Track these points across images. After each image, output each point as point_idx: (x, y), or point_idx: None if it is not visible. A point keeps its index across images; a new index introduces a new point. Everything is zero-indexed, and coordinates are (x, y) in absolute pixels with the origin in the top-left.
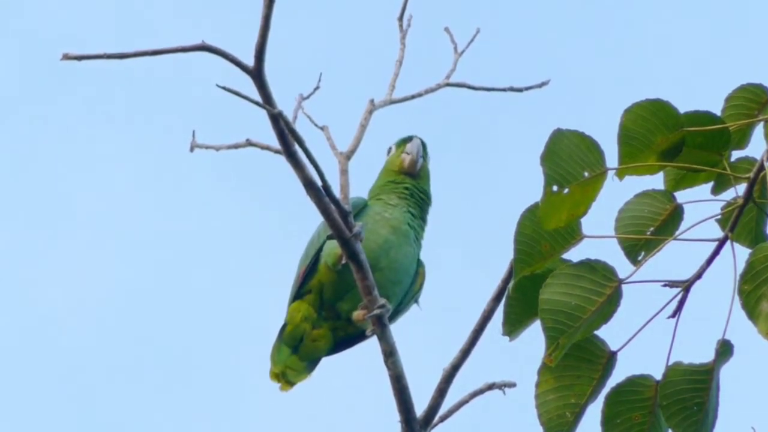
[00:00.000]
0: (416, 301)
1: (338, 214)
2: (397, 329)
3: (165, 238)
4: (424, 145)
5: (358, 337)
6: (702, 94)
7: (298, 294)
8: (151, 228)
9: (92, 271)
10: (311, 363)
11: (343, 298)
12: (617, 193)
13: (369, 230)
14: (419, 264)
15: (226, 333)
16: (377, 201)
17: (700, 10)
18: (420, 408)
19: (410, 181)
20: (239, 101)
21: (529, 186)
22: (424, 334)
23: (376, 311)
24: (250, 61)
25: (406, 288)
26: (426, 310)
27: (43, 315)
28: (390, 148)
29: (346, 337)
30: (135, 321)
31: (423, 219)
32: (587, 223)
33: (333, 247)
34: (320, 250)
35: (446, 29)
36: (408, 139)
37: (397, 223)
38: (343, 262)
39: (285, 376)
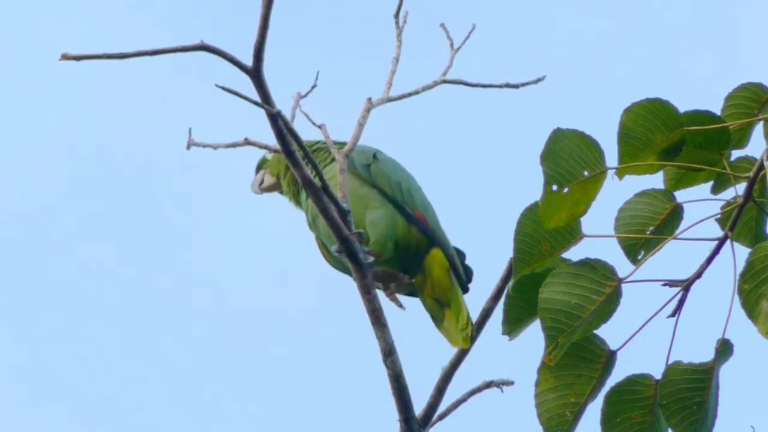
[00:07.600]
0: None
1: (337, 213)
2: (396, 328)
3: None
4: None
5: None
6: (702, 93)
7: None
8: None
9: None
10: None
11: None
12: (617, 192)
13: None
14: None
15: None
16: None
17: (700, 9)
18: (419, 407)
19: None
20: (238, 100)
21: (528, 185)
22: (424, 334)
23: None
24: (248, 60)
25: (406, 182)
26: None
27: None
28: None
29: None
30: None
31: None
32: (587, 223)
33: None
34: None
35: (442, 26)
36: None
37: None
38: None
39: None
